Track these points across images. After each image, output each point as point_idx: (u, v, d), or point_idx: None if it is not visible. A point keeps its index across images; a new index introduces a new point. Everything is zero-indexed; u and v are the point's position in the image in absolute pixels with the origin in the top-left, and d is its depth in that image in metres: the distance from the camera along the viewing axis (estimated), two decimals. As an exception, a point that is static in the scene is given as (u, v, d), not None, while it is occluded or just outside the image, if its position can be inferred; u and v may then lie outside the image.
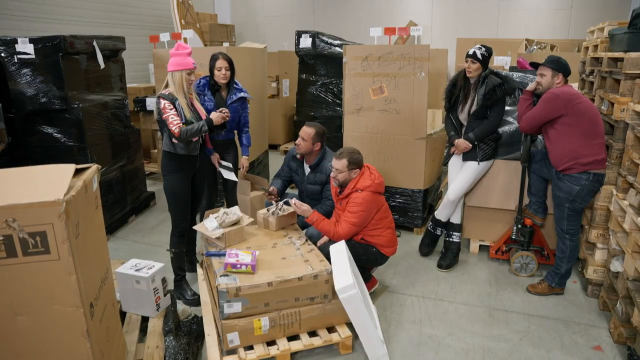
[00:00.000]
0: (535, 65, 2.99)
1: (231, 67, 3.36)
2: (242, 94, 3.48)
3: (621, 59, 2.91)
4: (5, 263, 1.57)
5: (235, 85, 3.47)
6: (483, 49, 3.23)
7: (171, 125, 2.77)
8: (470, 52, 3.24)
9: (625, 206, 2.63)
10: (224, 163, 3.49)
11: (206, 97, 3.37)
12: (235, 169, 3.61)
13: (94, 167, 1.99)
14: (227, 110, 3.07)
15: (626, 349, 2.50)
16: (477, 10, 8.46)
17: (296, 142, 3.33)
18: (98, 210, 2.06)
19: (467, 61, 3.26)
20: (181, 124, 2.80)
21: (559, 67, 2.88)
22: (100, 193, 2.08)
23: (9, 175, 1.78)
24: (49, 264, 1.61)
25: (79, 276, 1.66)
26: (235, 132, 3.63)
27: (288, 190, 3.72)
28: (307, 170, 3.45)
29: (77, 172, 1.88)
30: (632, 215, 2.51)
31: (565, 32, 8.01)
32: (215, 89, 3.41)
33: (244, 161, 3.69)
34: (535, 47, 6.91)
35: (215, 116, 2.97)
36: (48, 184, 1.65)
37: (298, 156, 3.46)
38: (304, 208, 2.95)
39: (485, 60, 3.23)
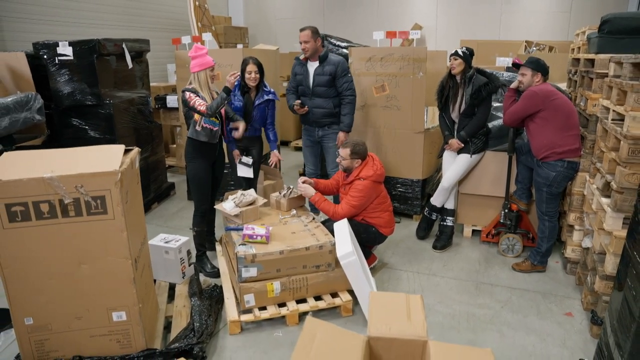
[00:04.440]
0: (517, 66, 3.34)
1: (260, 70, 3.66)
2: (269, 97, 3.77)
3: (593, 60, 3.26)
4: (75, 220, 1.99)
5: (264, 88, 3.76)
6: (464, 48, 3.60)
7: (199, 107, 3.15)
8: (453, 51, 3.61)
9: (594, 189, 2.98)
10: (244, 159, 3.78)
11: (236, 97, 3.70)
12: (259, 163, 3.97)
13: (136, 149, 2.40)
14: (234, 72, 3.23)
15: (590, 313, 2.86)
16: (480, 12, 8.75)
17: (302, 47, 3.77)
18: (138, 185, 2.47)
19: (450, 60, 3.62)
20: (206, 104, 3.16)
21: (538, 67, 3.23)
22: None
23: (74, 152, 2.20)
24: (107, 222, 2.02)
25: (129, 234, 2.08)
26: (262, 129, 3.95)
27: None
28: (312, 68, 3.87)
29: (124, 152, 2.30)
30: (597, 196, 2.86)
31: (565, 34, 8.28)
32: (245, 90, 3.73)
33: (273, 157, 3.96)
34: (534, 48, 7.19)
35: (229, 83, 3.16)
36: (105, 158, 2.06)
37: (302, 57, 3.88)
38: (309, 191, 3.35)
39: (466, 56, 3.57)
